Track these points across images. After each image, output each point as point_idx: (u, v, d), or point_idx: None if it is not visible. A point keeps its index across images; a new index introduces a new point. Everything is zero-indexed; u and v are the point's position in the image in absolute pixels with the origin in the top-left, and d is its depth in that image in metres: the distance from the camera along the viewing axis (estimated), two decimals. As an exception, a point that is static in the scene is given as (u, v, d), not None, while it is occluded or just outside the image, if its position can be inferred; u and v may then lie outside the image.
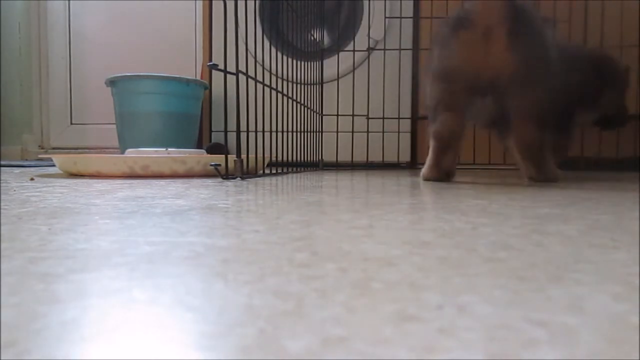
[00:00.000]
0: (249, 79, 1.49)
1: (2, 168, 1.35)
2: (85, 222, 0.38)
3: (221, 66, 0.88)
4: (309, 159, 1.42)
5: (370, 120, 1.73)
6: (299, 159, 1.33)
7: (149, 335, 0.16)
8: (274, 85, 1.68)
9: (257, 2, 1.09)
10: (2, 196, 0.57)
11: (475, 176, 0.99)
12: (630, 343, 0.15)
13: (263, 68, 1.01)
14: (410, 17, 1.72)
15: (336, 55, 1.72)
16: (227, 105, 0.90)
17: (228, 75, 0.91)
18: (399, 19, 1.71)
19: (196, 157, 1.02)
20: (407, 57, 1.73)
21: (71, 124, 2.32)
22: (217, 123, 1.84)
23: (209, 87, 1.79)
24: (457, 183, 0.87)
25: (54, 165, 1.13)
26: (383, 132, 1.62)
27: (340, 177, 0.97)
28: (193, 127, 1.80)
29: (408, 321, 0.17)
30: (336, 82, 1.74)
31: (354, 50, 1.70)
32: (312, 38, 1.60)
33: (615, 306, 0.18)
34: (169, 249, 0.28)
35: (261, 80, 1.48)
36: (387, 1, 1.72)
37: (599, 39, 1.54)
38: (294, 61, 1.53)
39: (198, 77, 2.07)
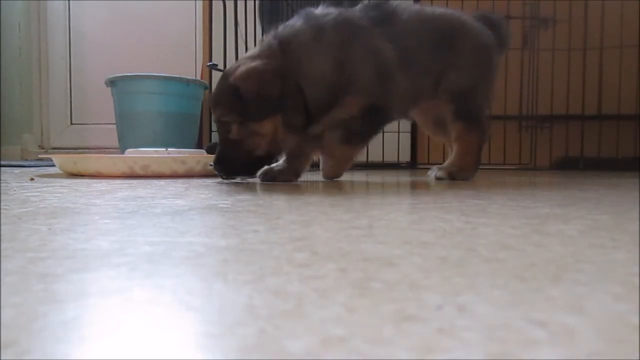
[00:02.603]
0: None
1: (2, 168, 1.35)
2: (85, 222, 0.38)
3: (221, 66, 0.88)
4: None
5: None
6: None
7: (149, 335, 0.16)
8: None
9: (256, 2, 1.09)
10: (2, 196, 0.57)
11: (476, 176, 0.99)
12: (630, 343, 0.15)
13: (263, 68, 1.00)
14: (410, 17, 1.72)
15: (336, 55, 1.72)
16: (227, 105, 0.90)
17: (228, 75, 0.91)
18: (399, 19, 1.71)
19: (196, 157, 1.02)
20: (407, 57, 1.73)
21: (71, 124, 2.32)
22: (217, 123, 1.84)
23: (209, 87, 1.79)
24: (457, 183, 0.87)
25: (54, 165, 1.13)
26: (383, 132, 1.62)
27: (340, 177, 0.96)
28: (193, 127, 1.80)
29: (408, 321, 0.17)
30: (336, 82, 1.73)
31: (354, 50, 1.70)
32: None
33: (615, 306, 0.18)
34: (169, 249, 0.28)
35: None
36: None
37: (599, 39, 1.54)
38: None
39: (198, 77, 2.07)
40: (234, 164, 0.80)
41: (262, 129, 0.77)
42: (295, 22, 0.82)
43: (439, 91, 0.92)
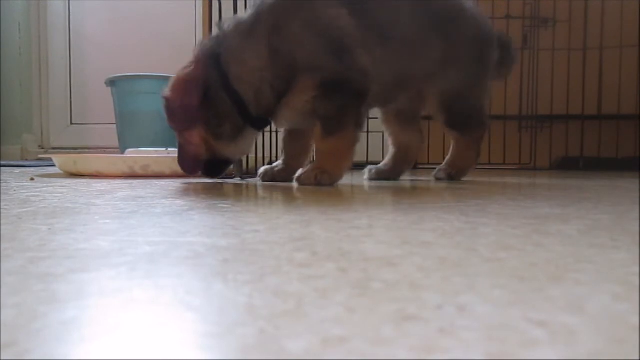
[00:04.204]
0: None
1: (2, 168, 1.35)
2: (85, 222, 0.38)
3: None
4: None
5: (370, 120, 1.72)
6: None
7: (149, 335, 0.16)
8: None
9: (256, 2, 1.09)
10: (2, 196, 0.57)
11: (476, 176, 0.99)
12: (630, 343, 0.15)
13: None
14: (410, 17, 1.72)
15: (336, 55, 1.72)
16: (227, 105, 0.90)
17: (228, 75, 0.91)
18: (399, 19, 1.71)
19: (196, 157, 1.02)
20: (407, 57, 1.72)
21: (71, 124, 2.32)
22: (217, 123, 1.83)
23: (209, 87, 1.79)
24: (457, 183, 0.87)
25: (54, 165, 1.13)
26: (383, 132, 1.62)
27: (337, 181, 0.97)
28: (193, 127, 1.80)
29: (408, 321, 0.17)
30: (336, 82, 1.73)
31: (354, 50, 1.70)
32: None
33: (615, 306, 0.18)
34: (169, 249, 0.28)
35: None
36: None
37: (599, 39, 1.53)
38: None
39: (198, 77, 2.07)
40: (190, 164, 0.80)
41: (192, 138, 0.76)
42: (243, 15, 0.78)
43: (431, 90, 0.85)
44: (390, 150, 0.97)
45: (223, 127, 0.76)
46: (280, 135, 1.00)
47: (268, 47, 0.73)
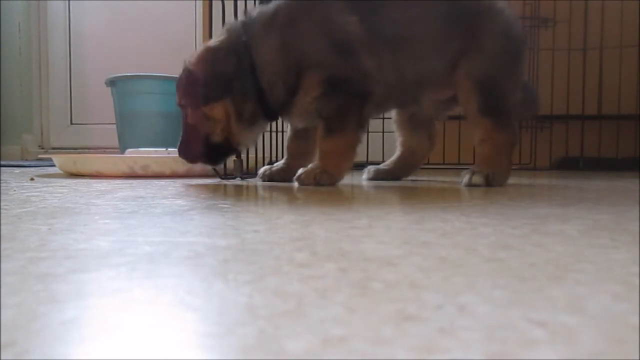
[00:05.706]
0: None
1: (2, 168, 1.35)
2: (85, 222, 0.38)
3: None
4: (309, 159, 1.41)
5: (370, 120, 1.72)
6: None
7: (149, 335, 0.16)
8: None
9: (256, 2, 1.09)
10: (2, 196, 0.57)
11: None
12: (630, 343, 0.15)
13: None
14: (410, 17, 1.71)
15: (336, 55, 1.71)
16: (227, 105, 0.90)
17: (228, 75, 0.91)
18: (399, 19, 1.71)
19: (196, 157, 1.02)
20: (407, 57, 1.72)
21: (71, 124, 2.32)
22: (217, 123, 1.83)
23: (209, 87, 1.79)
24: (457, 183, 0.87)
25: (54, 165, 1.13)
26: (383, 132, 1.62)
27: (338, 181, 0.96)
28: (193, 127, 1.79)
29: (408, 321, 0.17)
30: (336, 82, 1.73)
31: (354, 50, 1.70)
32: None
33: (615, 306, 0.18)
34: (169, 249, 0.28)
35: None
36: None
37: (599, 39, 1.54)
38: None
39: (198, 77, 2.06)
40: (194, 149, 0.80)
41: (212, 112, 0.77)
42: (267, 6, 0.80)
43: (459, 78, 0.80)
44: (397, 152, 0.96)
45: (246, 106, 0.77)
46: (281, 136, 1.00)
47: (281, 41, 0.76)
